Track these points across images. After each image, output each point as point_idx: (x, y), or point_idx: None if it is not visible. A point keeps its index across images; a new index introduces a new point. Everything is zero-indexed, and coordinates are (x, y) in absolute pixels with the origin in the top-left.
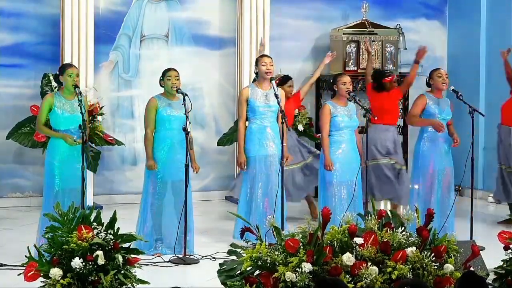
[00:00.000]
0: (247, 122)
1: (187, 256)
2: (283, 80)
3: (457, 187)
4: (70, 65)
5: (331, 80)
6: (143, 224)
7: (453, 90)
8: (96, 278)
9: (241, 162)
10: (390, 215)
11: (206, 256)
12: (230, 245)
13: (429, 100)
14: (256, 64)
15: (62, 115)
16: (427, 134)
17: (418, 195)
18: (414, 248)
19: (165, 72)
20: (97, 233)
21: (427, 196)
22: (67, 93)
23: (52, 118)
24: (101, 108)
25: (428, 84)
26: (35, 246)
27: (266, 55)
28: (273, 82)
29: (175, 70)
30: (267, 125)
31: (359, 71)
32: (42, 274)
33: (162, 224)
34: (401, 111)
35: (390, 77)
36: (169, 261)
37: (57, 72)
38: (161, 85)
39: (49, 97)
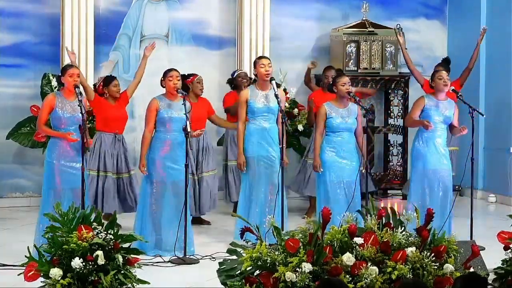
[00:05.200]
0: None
1: (187, 256)
2: (107, 81)
3: (457, 187)
4: (70, 66)
5: (331, 82)
6: (140, 225)
7: (453, 90)
8: (96, 278)
9: (241, 163)
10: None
11: (206, 256)
12: (230, 244)
13: (427, 102)
14: (255, 66)
15: (63, 115)
16: (423, 134)
17: (413, 195)
18: (414, 248)
19: (166, 73)
20: (97, 233)
21: (422, 197)
22: (69, 93)
23: (53, 118)
24: None
25: (431, 86)
26: (35, 246)
27: (264, 57)
28: (273, 82)
29: (176, 70)
30: (266, 126)
31: (359, 71)
32: (42, 274)
33: (162, 224)
34: (401, 111)
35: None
36: (169, 261)
37: (60, 73)
38: (162, 86)
39: (51, 97)
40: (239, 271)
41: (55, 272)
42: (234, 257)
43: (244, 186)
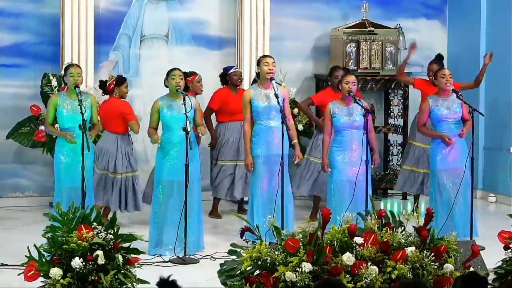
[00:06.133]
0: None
1: (187, 256)
2: (120, 81)
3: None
4: (72, 65)
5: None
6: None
7: (453, 90)
8: (96, 278)
9: (248, 163)
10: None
11: (206, 256)
12: (231, 245)
13: (432, 103)
14: (258, 64)
15: (66, 114)
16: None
17: (432, 196)
18: (413, 248)
19: (169, 72)
20: (97, 233)
21: (440, 197)
22: (71, 92)
23: (58, 118)
24: None
25: (434, 84)
26: (35, 246)
27: (268, 56)
28: (273, 82)
29: (179, 69)
30: (273, 125)
31: (359, 71)
32: (42, 274)
33: (165, 224)
34: (401, 111)
35: (191, 77)
36: (169, 261)
37: (62, 72)
38: (165, 85)
39: (54, 97)
40: (239, 271)
41: (55, 272)
42: (234, 257)
43: (253, 186)
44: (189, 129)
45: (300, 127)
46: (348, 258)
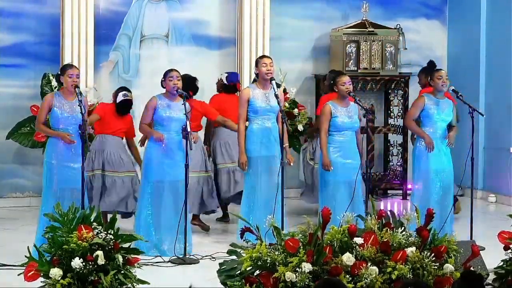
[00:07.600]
0: (247, 123)
1: (187, 256)
2: None
3: (460, 188)
4: (70, 66)
5: (331, 81)
6: (139, 225)
7: (453, 90)
8: (96, 278)
9: (243, 162)
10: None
11: (206, 256)
12: (230, 245)
13: (428, 101)
14: (256, 65)
15: (62, 115)
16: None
17: (416, 195)
18: (414, 248)
19: (166, 73)
20: (97, 233)
21: (425, 196)
22: (68, 93)
23: (51, 118)
24: None
25: (429, 84)
26: (35, 246)
27: (266, 56)
28: (273, 82)
29: (176, 70)
30: (268, 125)
31: (359, 71)
32: (42, 274)
33: (161, 224)
34: (401, 111)
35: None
36: (169, 261)
37: (58, 72)
38: (162, 86)
39: (49, 97)
40: (239, 271)
41: (55, 272)
42: (234, 257)
43: (246, 186)
44: (189, 129)
45: (300, 127)
46: (348, 258)
